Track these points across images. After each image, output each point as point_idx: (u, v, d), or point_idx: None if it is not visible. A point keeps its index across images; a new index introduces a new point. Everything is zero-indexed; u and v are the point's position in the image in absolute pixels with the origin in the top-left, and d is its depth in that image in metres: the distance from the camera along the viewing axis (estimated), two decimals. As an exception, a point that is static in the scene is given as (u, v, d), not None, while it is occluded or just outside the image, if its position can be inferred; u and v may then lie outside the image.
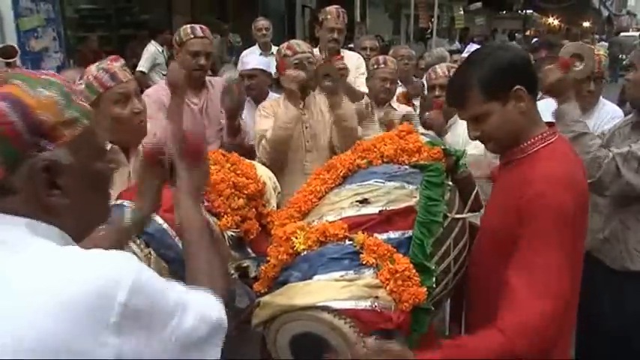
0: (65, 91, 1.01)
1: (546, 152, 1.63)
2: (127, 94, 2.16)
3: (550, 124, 1.73)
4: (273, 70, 4.33)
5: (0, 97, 0.94)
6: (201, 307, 1.04)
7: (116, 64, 2.17)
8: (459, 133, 3.27)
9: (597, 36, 20.79)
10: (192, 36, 3.16)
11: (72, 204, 1.01)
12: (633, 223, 2.41)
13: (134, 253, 1.74)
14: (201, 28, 3.22)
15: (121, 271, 0.91)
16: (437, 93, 3.26)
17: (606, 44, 18.02)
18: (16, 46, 3.26)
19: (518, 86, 1.60)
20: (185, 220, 1.31)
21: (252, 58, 4.27)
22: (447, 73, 3.26)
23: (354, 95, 3.74)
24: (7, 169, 0.94)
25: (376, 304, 1.53)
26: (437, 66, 3.43)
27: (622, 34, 21.37)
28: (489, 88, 1.61)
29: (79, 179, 1.01)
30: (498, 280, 1.55)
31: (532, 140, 1.65)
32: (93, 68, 2.15)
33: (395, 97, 3.92)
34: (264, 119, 3.07)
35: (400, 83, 4.52)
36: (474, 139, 1.73)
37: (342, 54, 4.47)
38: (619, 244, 2.44)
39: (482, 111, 1.63)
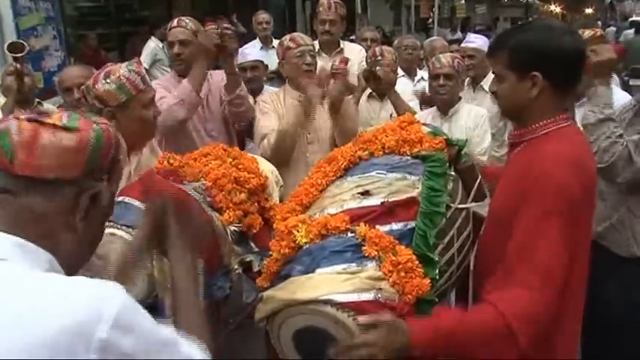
0: None
1: (556, 135, 1.61)
2: (153, 98, 2.24)
3: (565, 110, 1.71)
4: (272, 64, 4.33)
5: (103, 123, 1.07)
6: (189, 351, 0.99)
7: (141, 67, 2.23)
8: (462, 124, 3.26)
9: (599, 22, 20.73)
10: (175, 25, 3.15)
11: (85, 236, 1.06)
12: None
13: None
14: (179, 18, 3.18)
15: (104, 303, 0.86)
16: (441, 82, 3.26)
17: (614, 29, 18.14)
18: (25, 43, 3.25)
19: (536, 72, 1.59)
20: (174, 273, 1.29)
21: (252, 51, 4.25)
22: (451, 62, 3.27)
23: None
24: (82, 175, 1.01)
25: (379, 296, 1.52)
26: (441, 55, 3.43)
27: (630, 19, 21.35)
28: (514, 57, 1.63)
29: (100, 219, 1.10)
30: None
31: (543, 122, 1.63)
32: (123, 70, 2.15)
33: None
34: (266, 116, 3.06)
35: (404, 73, 4.49)
36: (492, 91, 1.79)
37: (342, 46, 4.45)
38: (626, 230, 2.44)
39: (502, 73, 1.67)
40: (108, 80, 2.12)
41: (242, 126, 3.42)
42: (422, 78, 4.50)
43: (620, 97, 3.16)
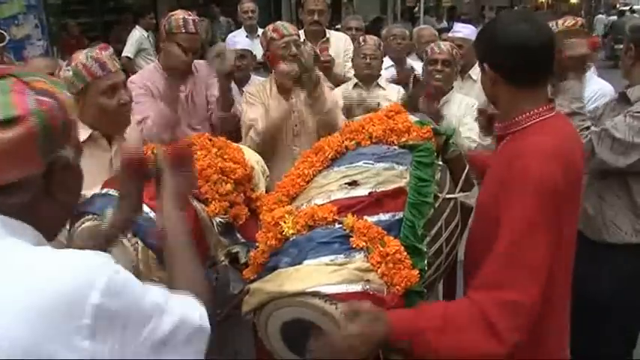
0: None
1: (540, 127, 1.60)
2: (115, 86, 2.14)
3: (549, 101, 1.70)
4: (258, 53, 4.29)
5: (41, 93, 0.98)
6: (182, 310, 1.02)
7: (105, 53, 2.14)
8: (453, 113, 3.25)
9: (582, 11, 20.86)
10: (183, 30, 3.03)
11: (65, 200, 1.05)
12: (610, 196, 2.45)
13: (121, 243, 1.71)
14: (193, 21, 3.08)
15: (95, 271, 0.89)
16: (439, 67, 3.26)
17: (604, 17, 18.35)
18: (4, 33, 3.21)
19: (484, 64, 1.62)
20: (168, 227, 1.29)
21: (241, 39, 4.21)
22: (450, 51, 3.30)
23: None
24: (44, 160, 0.97)
25: (367, 287, 1.51)
26: (441, 43, 3.45)
27: (619, 9, 21.60)
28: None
29: (75, 178, 1.08)
30: None
31: (526, 115, 1.62)
32: (81, 56, 2.10)
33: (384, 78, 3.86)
34: (252, 107, 3.02)
35: (392, 63, 4.47)
36: None
37: (328, 35, 4.43)
38: (596, 216, 2.49)
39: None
40: (68, 67, 2.10)
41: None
42: (411, 67, 4.47)
43: (600, 88, 3.22)
